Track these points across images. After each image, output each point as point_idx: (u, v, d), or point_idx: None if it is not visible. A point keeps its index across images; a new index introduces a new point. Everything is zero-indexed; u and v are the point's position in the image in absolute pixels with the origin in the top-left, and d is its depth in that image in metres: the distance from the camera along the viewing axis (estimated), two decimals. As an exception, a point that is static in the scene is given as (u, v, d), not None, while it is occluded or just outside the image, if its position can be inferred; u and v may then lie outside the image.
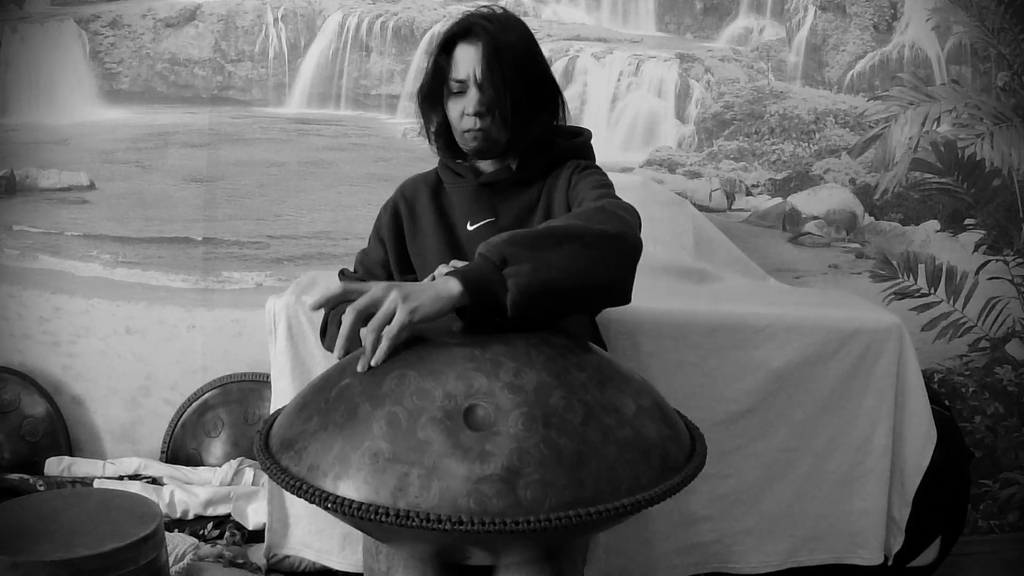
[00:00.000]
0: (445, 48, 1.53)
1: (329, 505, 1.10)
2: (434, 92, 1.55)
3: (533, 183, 1.62)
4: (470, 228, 1.60)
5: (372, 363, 1.12)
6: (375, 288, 1.11)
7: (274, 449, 1.23)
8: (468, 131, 1.54)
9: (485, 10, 1.54)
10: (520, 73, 1.52)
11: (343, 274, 1.69)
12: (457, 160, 1.64)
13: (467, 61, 1.51)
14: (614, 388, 1.22)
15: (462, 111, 1.53)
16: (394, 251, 1.65)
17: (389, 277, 1.64)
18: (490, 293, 1.12)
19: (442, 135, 1.62)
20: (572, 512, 1.06)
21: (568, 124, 1.66)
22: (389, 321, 1.10)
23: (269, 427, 1.29)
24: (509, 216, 1.60)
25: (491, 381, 1.15)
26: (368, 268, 1.67)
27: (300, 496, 1.13)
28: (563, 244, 1.15)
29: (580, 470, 1.10)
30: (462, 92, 1.52)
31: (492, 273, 1.13)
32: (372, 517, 1.06)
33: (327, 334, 1.61)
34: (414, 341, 1.25)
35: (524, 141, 1.56)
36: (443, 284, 1.10)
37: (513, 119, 1.52)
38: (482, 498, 1.06)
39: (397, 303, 1.10)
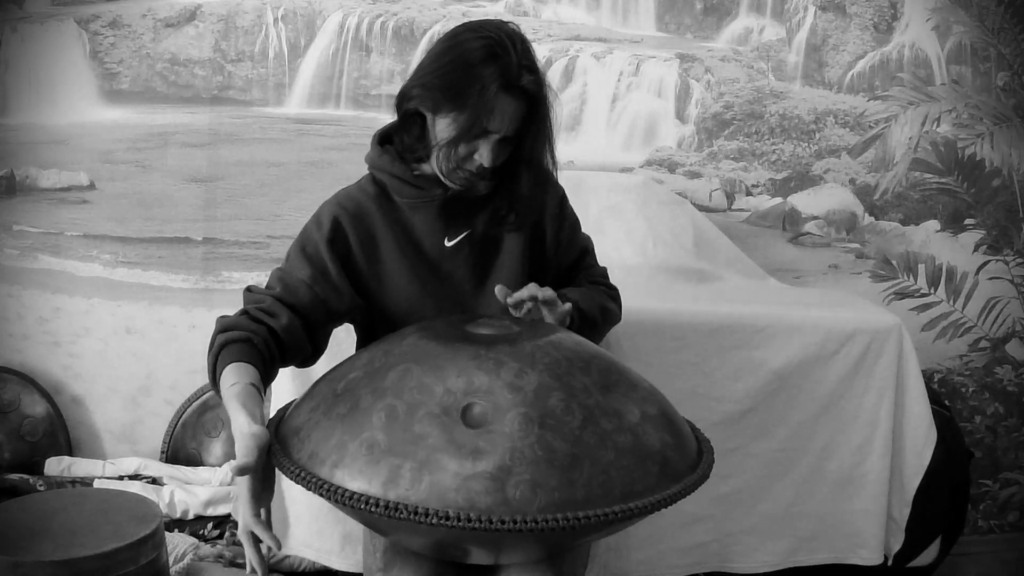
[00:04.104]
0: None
1: (323, 492, 1.11)
2: (465, 133, 1.38)
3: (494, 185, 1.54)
4: (448, 244, 1.52)
5: None
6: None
7: (283, 435, 1.25)
8: (468, 170, 1.43)
9: (524, 51, 1.38)
10: (549, 132, 1.45)
11: (250, 291, 1.47)
12: (414, 172, 1.50)
13: (504, 115, 1.37)
14: (619, 394, 1.22)
15: (473, 152, 1.41)
16: (338, 271, 1.46)
17: (315, 297, 1.44)
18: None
19: (400, 144, 1.50)
20: (560, 515, 1.06)
21: None
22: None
23: (282, 416, 1.32)
24: (482, 223, 1.53)
25: (492, 380, 1.15)
26: (289, 286, 1.44)
27: (296, 482, 1.14)
28: (606, 321, 1.61)
29: (572, 472, 1.10)
30: (482, 136, 1.39)
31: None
32: (362, 507, 1.08)
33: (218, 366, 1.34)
34: (423, 338, 1.26)
35: (529, 198, 1.51)
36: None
37: (538, 181, 1.49)
38: (471, 494, 1.06)
39: None
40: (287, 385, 2.03)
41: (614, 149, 2.87)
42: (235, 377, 1.29)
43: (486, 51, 1.36)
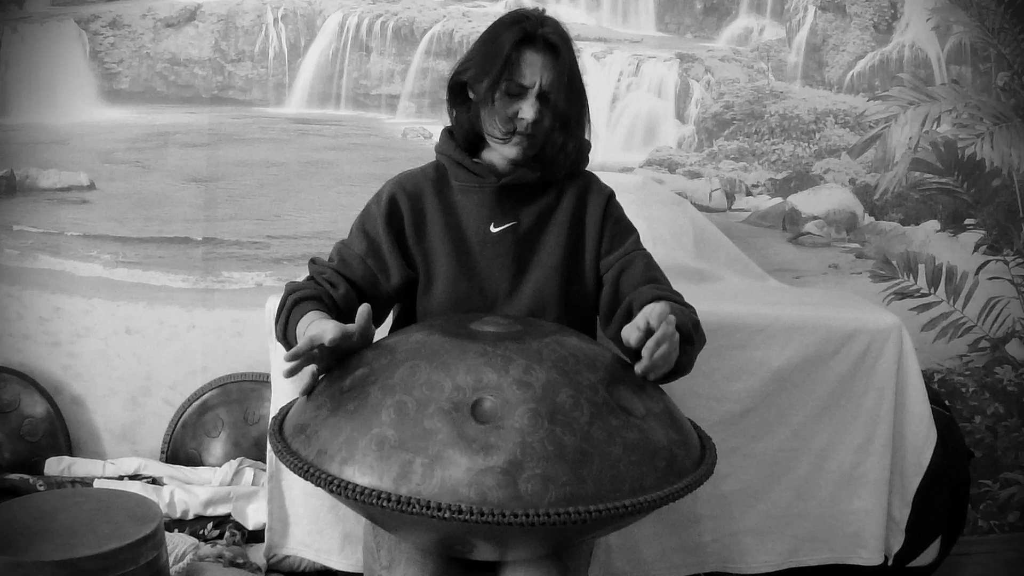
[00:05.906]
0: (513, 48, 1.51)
1: (333, 488, 1.12)
2: (492, 87, 1.51)
3: (550, 185, 1.63)
4: (494, 230, 1.59)
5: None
6: None
7: (287, 433, 1.26)
8: (517, 134, 1.53)
9: (545, 16, 1.56)
10: (579, 91, 1.58)
11: (314, 262, 1.62)
12: (474, 159, 1.62)
13: (534, 68, 1.51)
14: (625, 391, 1.23)
15: (516, 113, 1.52)
16: (390, 247, 1.58)
17: (368, 272, 1.57)
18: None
19: (460, 131, 1.62)
20: (572, 508, 1.07)
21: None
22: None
23: (285, 413, 1.33)
24: (530, 218, 1.61)
25: (500, 376, 1.16)
26: (345, 259, 1.59)
27: (306, 479, 1.15)
28: (700, 340, 1.54)
29: (582, 467, 1.11)
30: (519, 96, 1.52)
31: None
32: (374, 502, 1.08)
33: (288, 328, 1.48)
34: (429, 336, 1.27)
35: (563, 155, 1.58)
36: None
37: (567, 134, 1.56)
38: (483, 489, 1.07)
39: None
40: (288, 384, 2.03)
41: (614, 149, 2.87)
42: (311, 319, 1.39)
43: (511, 18, 1.55)
